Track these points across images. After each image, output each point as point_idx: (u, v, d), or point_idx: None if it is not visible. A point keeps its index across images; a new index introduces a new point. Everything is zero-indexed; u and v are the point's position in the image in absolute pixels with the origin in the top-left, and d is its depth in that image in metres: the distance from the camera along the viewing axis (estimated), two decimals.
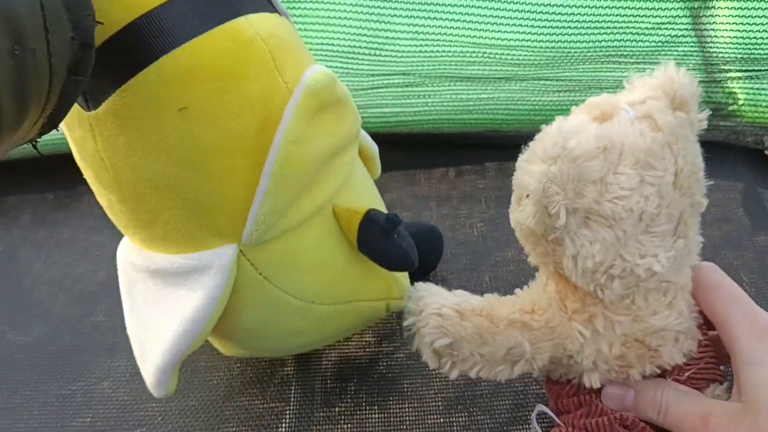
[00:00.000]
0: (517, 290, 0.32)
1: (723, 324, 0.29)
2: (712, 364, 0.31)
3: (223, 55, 0.28)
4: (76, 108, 0.29)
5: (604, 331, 0.29)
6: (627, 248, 0.27)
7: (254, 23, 0.29)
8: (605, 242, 0.26)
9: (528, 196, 0.27)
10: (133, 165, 0.29)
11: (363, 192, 0.39)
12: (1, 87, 0.19)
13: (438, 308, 0.30)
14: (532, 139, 0.28)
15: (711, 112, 0.28)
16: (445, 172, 0.61)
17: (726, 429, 0.27)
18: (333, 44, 0.61)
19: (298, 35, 0.34)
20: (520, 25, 0.60)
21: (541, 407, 0.34)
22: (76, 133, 0.30)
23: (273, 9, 0.32)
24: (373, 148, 0.43)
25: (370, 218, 0.35)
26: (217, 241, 0.32)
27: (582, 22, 0.59)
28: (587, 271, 0.27)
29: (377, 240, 0.35)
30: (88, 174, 0.32)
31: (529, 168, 0.27)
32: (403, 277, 0.42)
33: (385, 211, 0.40)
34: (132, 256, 0.35)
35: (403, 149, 0.64)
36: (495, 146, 0.63)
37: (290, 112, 0.29)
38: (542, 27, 0.60)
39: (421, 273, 0.49)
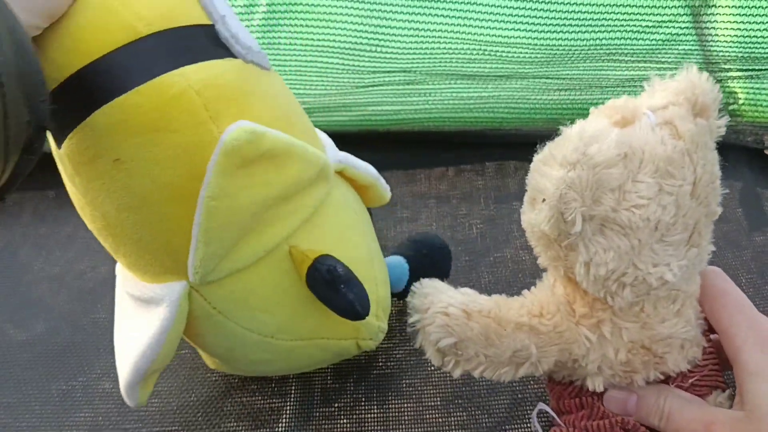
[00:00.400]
0: (525, 291, 0.32)
1: (727, 332, 0.29)
2: (715, 371, 0.31)
3: (148, 110, 0.29)
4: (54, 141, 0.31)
5: (611, 337, 0.29)
6: (641, 257, 0.26)
7: (188, 75, 0.29)
8: (619, 250, 0.26)
9: (544, 200, 0.26)
10: (88, 202, 0.31)
11: (333, 231, 0.37)
12: None
13: (444, 307, 0.29)
14: (535, 138, 0.28)
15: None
16: (444, 170, 0.61)
17: None
18: (334, 40, 0.61)
19: (263, 79, 0.33)
20: (521, 23, 0.60)
21: (542, 406, 0.34)
22: (59, 164, 0.32)
23: (226, 55, 0.31)
24: (370, 175, 0.42)
25: (314, 267, 0.34)
26: (169, 276, 0.33)
27: (583, 19, 0.60)
28: (599, 278, 0.27)
29: (322, 288, 0.34)
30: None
31: (547, 171, 0.26)
32: (373, 317, 0.40)
33: (371, 244, 0.40)
34: (119, 276, 0.37)
35: (404, 147, 0.64)
36: (495, 145, 0.63)
37: (210, 168, 0.29)
38: (543, 24, 0.60)
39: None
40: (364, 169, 0.41)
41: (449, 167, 0.62)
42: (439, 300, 0.29)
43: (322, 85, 0.63)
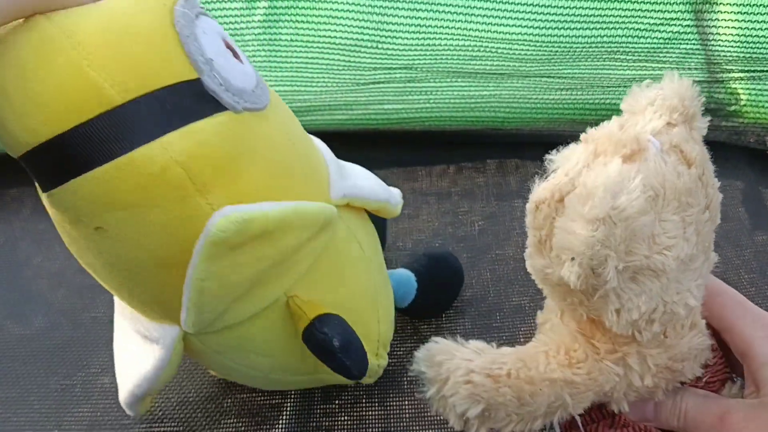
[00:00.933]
0: (539, 336, 0.30)
1: (733, 328, 0.30)
2: (723, 364, 0.31)
3: (129, 187, 0.26)
4: None
5: (637, 367, 0.28)
6: (668, 291, 0.26)
7: (171, 146, 0.26)
8: (651, 293, 0.25)
9: (573, 258, 0.24)
10: (76, 250, 0.30)
11: (334, 274, 0.35)
12: None
13: (466, 375, 0.26)
14: (536, 138, 0.27)
15: (711, 114, 0.28)
16: (445, 168, 0.61)
17: (744, 424, 0.28)
18: (335, 37, 0.61)
19: (258, 129, 0.30)
20: (522, 19, 0.60)
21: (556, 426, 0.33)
22: None
23: (216, 109, 0.28)
24: (378, 199, 0.39)
25: (311, 331, 0.33)
26: (166, 320, 0.32)
27: (584, 17, 0.59)
28: (630, 321, 0.26)
29: (318, 352, 0.33)
30: None
31: (574, 229, 0.24)
32: (373, 356, 0.39)
33: (376, 277, 0.39)
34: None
35: (404, 146, 0.64)
36: (495, 144, 0.63)
37: (197, 252, 0.27)
38: (544, 21, 0.60)
39: (434, 312, 0.48)
40: (372, 194, 0.38)
41: (450, 165, 0.62)
42: (457, 367, 0.26)
43: (324, 82, 0.63)
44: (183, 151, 0.26)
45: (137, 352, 0.34)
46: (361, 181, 0.39)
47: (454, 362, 0.27)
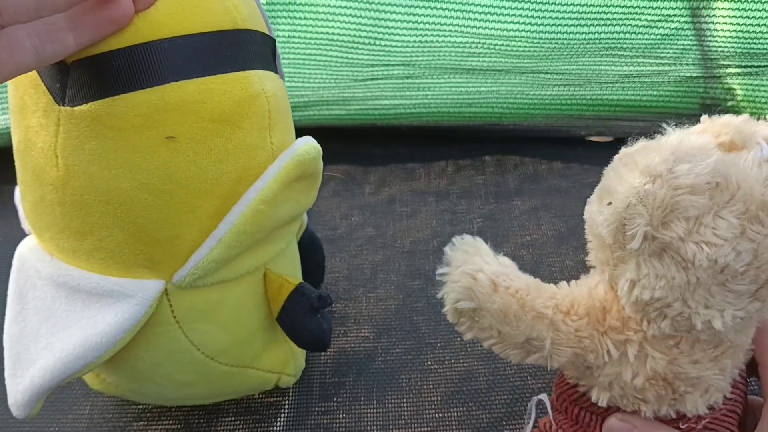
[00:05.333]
0: (563, 283, 0.30)
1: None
2: (733, 415, 0.29)
3: (228, 100, 0.29)
4: (41, 96, 0.28)
5: (633, 360, 0.27)
6: (694, 295, 0.24)
7: (263, 80, 0.30)
8: (672, 281, 0.24)
9: (610, 203, 0.24)
10: (91, 173, 0.28)
11: (294, 262, 0.39)
12: None
13: (475, 270, 0.27)
14: (534, 134, 0.27)
15: (707, 111, 0.27)
16: (444, 167, 0.61)
17: None
18: (333, 34, 0.61)
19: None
20: (520, 16, 0.60)
21: (542, 397, 0.33)
22: (31, 120, 0.29)
23: (275, 70, 0.33)
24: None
25: (301, 291, 0.35)
26: (145, 272, 0.31)
27: (581, 13, 0.60)
28: (640, 301, 0.25)
29: (302, 314, 0.35)
30: (25, 164, 0.30)
31: (624, 174, 0.24)
32: (301, 355, 0.42)
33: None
34: (39, 262, 0.32)
35: (402, 141, 0.64)
36: (493, 140, 0.63)
37: (272, 173, 0.30)
38: (541, 18, 0.60)
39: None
40: None
41: (449, 164, 0.62)
42: (473, 262, 0.28)
43: (321, 79, 0.63)
44: (270, 87, 0.31)
45: (71, 324, 0.30)
46: None
47: (474, 258, 0.28)
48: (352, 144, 0.54)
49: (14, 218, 0.40)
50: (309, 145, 0.31)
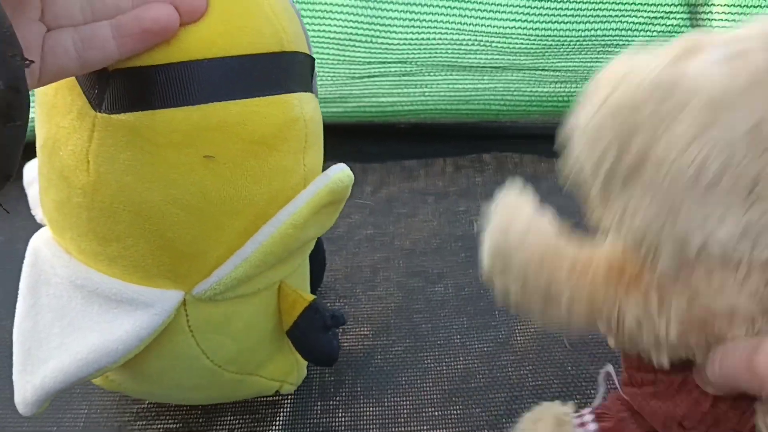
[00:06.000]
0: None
1: None
2: None
3: (269, 123, 0.29)
4: (76, 98, 0.28)
5: (656, 309, 0.25)
6: (679, 216, 0.23)
7: (303, 102, 0.31)
8: (656, 199, 0.23)
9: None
10: (123, 182, 0.28)
11: (305, 275, 0.40)
12: None
13: (526, 223, 0.29)
14: (532, 131, 0.27)
15: None
16: (443, 165, 0.61)
17: None
18: (330, 31, 0.61)
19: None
20: (516, 13, 0.60)
21: (609, 369, 0.33)
22: (62, 120, 0.28)
23: (312, 90, 0.33)
24: None
25: (315, 308, 0.35)
26: (166, 283, 0.31)
27: (579, 10, 0.60)
28: (635, 233, 0.24)
29: (314, 331, 0.35)
30: (51, 162, 0.30)
31: (579, 110, 0.25)
32: (304, 365, 0.43)
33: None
34: (55, 259, 0.32)
35: (400, 139, 0.64)
36: (491, 137, 0.63)
37: (305, 198, 0.30)
38: (538, 15, 0.60)
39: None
40: None
41: (447, 162, 0.62)
42: (525, 211, 0.29)
43: (318, 76, 0.63)
44: (309, 110, 0.31)
45: (87, 327, 0.30)
46: None
47: (520, 205, 0.29)
48: (350, 141, 0.54)
49: (15, 219, 0.40)
50: (343, 173, 0.32)
